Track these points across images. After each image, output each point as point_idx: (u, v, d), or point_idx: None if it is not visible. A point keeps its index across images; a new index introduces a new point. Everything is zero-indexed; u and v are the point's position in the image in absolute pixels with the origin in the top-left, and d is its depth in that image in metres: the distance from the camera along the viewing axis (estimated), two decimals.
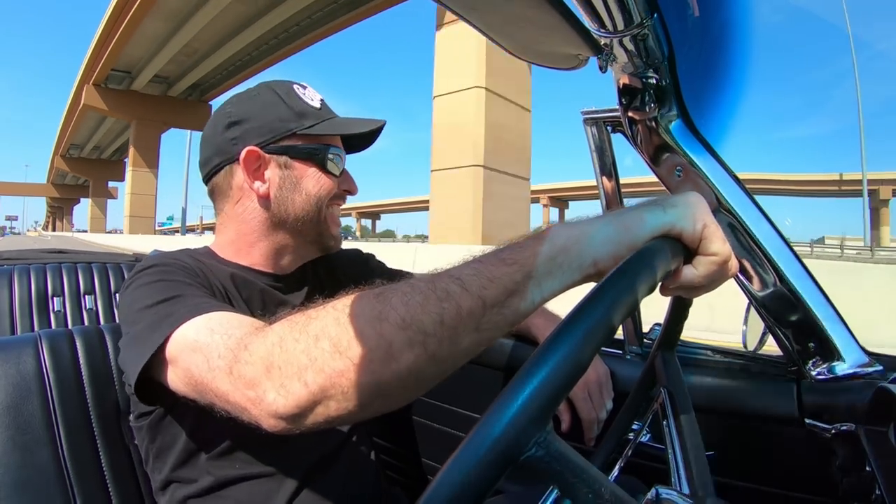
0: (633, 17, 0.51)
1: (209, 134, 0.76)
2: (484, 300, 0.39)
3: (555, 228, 0.42)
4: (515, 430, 0.27)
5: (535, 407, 0.27)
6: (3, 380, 0.71)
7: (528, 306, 0.40)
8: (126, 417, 0.78)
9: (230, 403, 0.47)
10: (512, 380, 0.29)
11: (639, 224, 0.42)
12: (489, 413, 0.27)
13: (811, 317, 0.71)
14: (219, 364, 0.48)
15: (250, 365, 0.44)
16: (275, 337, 0.44)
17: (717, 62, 0.67)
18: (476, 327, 0.39)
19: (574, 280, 0.41)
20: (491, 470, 0.26)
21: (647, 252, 0.38)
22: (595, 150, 0.85)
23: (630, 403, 0.70)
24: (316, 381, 0.40)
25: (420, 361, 0.39)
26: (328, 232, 0.78)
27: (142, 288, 0.62)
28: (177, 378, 0.54)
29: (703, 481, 0.44)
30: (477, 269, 0.40)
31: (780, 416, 0.76)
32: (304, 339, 0.42)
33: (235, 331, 0.50)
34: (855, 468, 0.62)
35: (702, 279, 0.44)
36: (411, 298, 0.39)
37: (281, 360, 0.42)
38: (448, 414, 1.12)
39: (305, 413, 0.42)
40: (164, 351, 0.54)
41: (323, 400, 0.41)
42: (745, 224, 0.69)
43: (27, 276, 1.49)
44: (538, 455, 0.28)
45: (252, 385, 0.44)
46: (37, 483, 0.68)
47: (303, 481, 0.70)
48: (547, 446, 0.28)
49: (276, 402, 0.42)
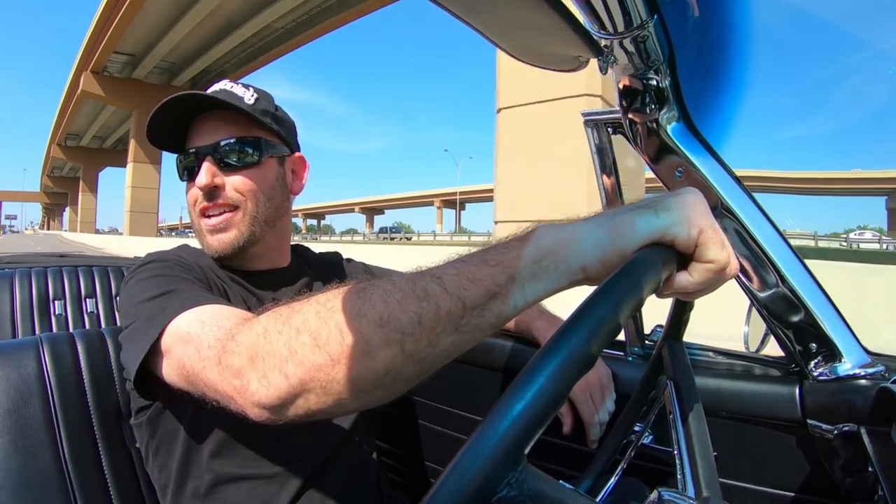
0: (634, 19, 0.51)
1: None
2: (464, 301, 0.38)
3: (542, 229, 0.40)
4: (485, 471, 0.26)
5: (507, 446, 0.26)
6: (5, 383, 0.71)
7: (510, 310, 0.39)
8: (127, 420, 0.78)
9: (219, 393, 0.47)
10: (485, 417, 0.28)
11: (630, 229, 0.39)
12: (461, 453, 0.27)
13: (813, 317, 0.71)
14: (208, 354, 0.48)
15: (236, 355, 0.45)
16: (259, 328, 0.44)
17: (717, 63, 0.67)
18: (455, 328, 0.38)
19: (560, 285, 0.39)
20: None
21: (634, 267, 0.36)
22: (595, 151, 0.85)
23: (633, 404, 0.70)
24: (296, 374, 0.41)
25: (397, 360, 0.38)
26: (205, 242, 0.74)
27: (140, 283, 0.64)
28: (171, 370, 0.55)
29: (710, 480, 0.43)
30: (459, 269, 0.39)
31: (782, 417, 0.76)
32: (287, 332, 0.42)
33: (225, 322, 0.51)
34: (857, 469, 0.62)
35: (697, 286, 0.41)
36: (391, 296, 0.39)
37: (264, 351, 0.43)
38: (450, 416, 1.11)
39: (286, 404, 0.42)
40: (160, 344, 0.55)
41: (303, 393, 0.41)
42: (746, 225, 0.69)
43: (28, 280, 1.49)
44: (510, 496, 0.27)
45: (238, 374, 0.44)
46: (38, 487, 0.68)
47: (304, 482, 0.70)
48: (520, 486, 0.27)
49: (258, 391, 0.42)
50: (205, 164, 0.71)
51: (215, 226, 0.72)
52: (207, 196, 0.72)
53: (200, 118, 0.74)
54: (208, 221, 0.73)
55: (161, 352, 0.56)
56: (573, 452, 0.91)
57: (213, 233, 0.73)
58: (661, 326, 0.74)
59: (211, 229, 0.72)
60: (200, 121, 0.74)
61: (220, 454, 0.66)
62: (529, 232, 0.41)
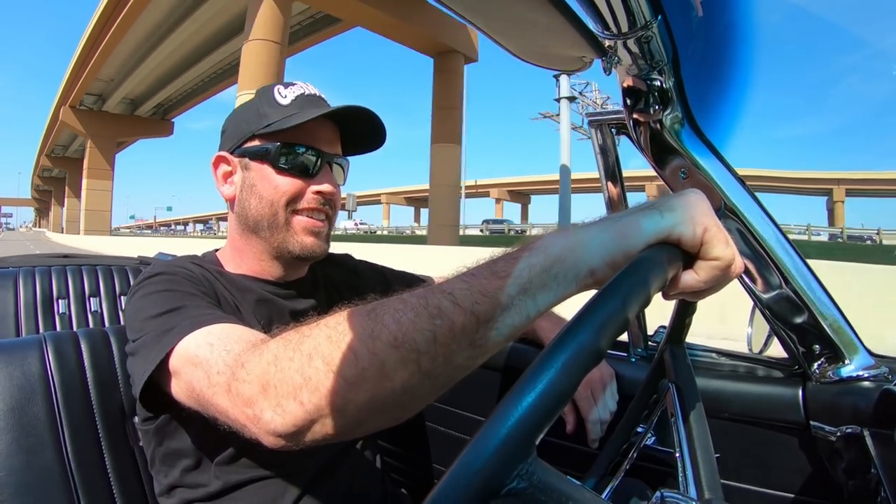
0: (638, 19, 0.51)
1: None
2: (477, 316, 0.37)
3: (549, 238, 0.41)
4: (495, 463, 0.26)
5: (519, 436, 0.27)
6: (8, 382, 0.71)
7: (523, 321, 0.39)
8: (131, 419, 0.78)
9: (231, 420, 0.47)
10: (494, 410, 0.28)
11: (635, 231, 0.40)
12: (471, 443, 0.27)
13: (816, 319, 0.71)
14: (218, 380, 0.48)
15: (247, 383, 0.44)
16: (270, 355, 0.44)
17: (721, 63, 0.67)
18: (470, 343, 0.38)
19: (569, 291, 0.40)
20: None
21: (641, 264, 0.36)
22: (599, 152, 0.85)
23: (635, 405, 0.69)
24: (311, 401, 0.40)
25: (414, 379, 0.38)
26: (293, 238, 0.72)
27: (148, 297, 0.63)
28: (180, 391, 0.55)
29: (712, 482, 0.43)
30: (469, 284, 0.39)
31: (785, 418, 0.75)
32: (298, 358, 0.41)
33: (234, 346, 0.50)
34: (860, 471, 0.62)
35: (703, 284, 0.42)
36: (403, 316, 0.39)
37: (276, 379, 0.42)
38: (452, 416, 1.12)
39: (303, 431, 0.41)
40: (168, 363, 0.54)
41: (319, 418, 0.40)
42: (750, 226, 0.69)
43: (32, 279, 1.49)
44: (520, 487, 0.27)
45: (250, 403, 0.44)
46: (41, 485, 0.69)
47: (309, 484, 0.70)
48: (530, 477, 0.27)
49: (273, 420, 0.42)
50: (333, 169, 0.75)
51: (320, 227, 0.74)
52: (325, 199, 0.73)
53: (327, 122, 0.75)
54: (311, 220, 0.73)
55: (169, 372, 0.55)
56: (575, 453, 0.91)
57: (313, 234, 0.73)
58: (664, 327, 0.74)
59: (313, 228, 0.73)
60: (327, 127, 0.75)
61: (229, 462, 0.66)
62: (536, 241, 0.41)
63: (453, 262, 0.46)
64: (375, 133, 0.79)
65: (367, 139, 0.80)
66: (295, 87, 0.74)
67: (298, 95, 0.73)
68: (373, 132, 0.79)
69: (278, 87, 0.74)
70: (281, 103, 0.72)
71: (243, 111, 0.76)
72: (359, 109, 0.72)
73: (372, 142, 0.80)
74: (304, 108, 0.72)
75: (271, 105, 0.72)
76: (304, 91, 0.74)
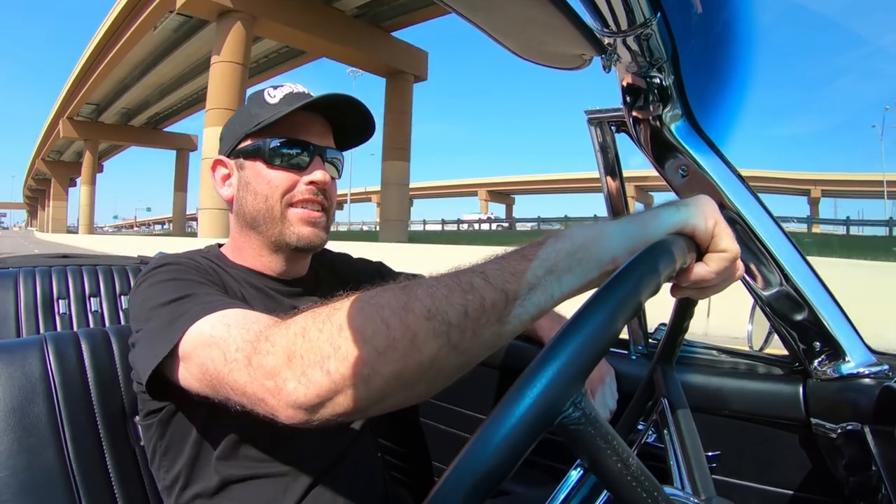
0: (637, 17, 0.51)
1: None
2: (507, 293, 0.39)
3: (573, 228, 0.44)
4: (556, 387, 0.27)
5: (576, 365, 0.28)
6: (9, 382, 0.71)
7: (549, 301, 0.41)
8: (131, 419, 0.79)
9: (247, 395, 0.47)
10: (551, 340, 0.29)
11: (655, 220, 0.44)
12: (529, 370, 0.28)
13: (817, 316, 0.71)
14: (237, 357, 0.48)
15: (271, 355, 0.44)
16: (297, 328, 0.44)
17: (720, 61, 0.67)
18: (499, 319, 0.39)
19: (592, 277, 0.42)
20: (530, 429, 0.26)
21: (665, 242, 0.40)
22: (599, 149, 0.85)
23: (634, 405, 0.70)
24: (338, 370, 0.40)
25: (443, 352, 0.39)
26: (290, 230, 0.74)
27: (155, 286, 0.63)
28: (189, 375, 0.54)
29: (705, 484, 0.45)
30: (500, 265, 0.41)
31: (786, 415, 0.75)
32: (329, 329, 0.42)
33: (253, 325, 0.50)
34: (861, 468, 0.62)
35: (714, 276, 0.45)
36: (436, 290, 0.40)
37: (303, 349, 0.42)
38: (453, 415, 1.12)
39: (325, 402, 0.42)
40: (178, 349, 0.54)
41: (343, 389, 0.41)
42: (750, 223, 0.69)
43: (32, 279, 1.49)
44: (574, 416, 0.28)
45: (272, 375, 0.44)
46: (42, 485, 0.69)
47: (311, 482, 0.70)
48: (583, 407, 0.28)
49: (296, 391, 0.42)
50: (325, 161, 0.76)
51: (316, 218, 0.75)
52: (319, 189, 0.75)
53: (317, 117, 0.77)
54: (306, 211, 0.74)
55: (178, 357, 0.55)
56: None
57: (311, 224, 0.75)
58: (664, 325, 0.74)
59: (309, 219, 0.75)
60: (317, 121, 0.77)
61: (230, 456, 0.66)
62: (562, 231, 0.44)
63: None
64: (365, 123, 0.81)
65: (358, 130, 0.82)
66: (284, 88, 0.77)
67: (287, 94, 0.76)
68: (363, 122, 0.80)
69: (268, 89, 0.77)
70: (270, 103, 0.75)
71: (237, 115, 0.79)
72: (342, 97, 0.74)
73: (363, 132, 0.82)
74: (293, 104, 0.73)
75: (261, 105, 0.75)
76: (293, 90, 0.77)
